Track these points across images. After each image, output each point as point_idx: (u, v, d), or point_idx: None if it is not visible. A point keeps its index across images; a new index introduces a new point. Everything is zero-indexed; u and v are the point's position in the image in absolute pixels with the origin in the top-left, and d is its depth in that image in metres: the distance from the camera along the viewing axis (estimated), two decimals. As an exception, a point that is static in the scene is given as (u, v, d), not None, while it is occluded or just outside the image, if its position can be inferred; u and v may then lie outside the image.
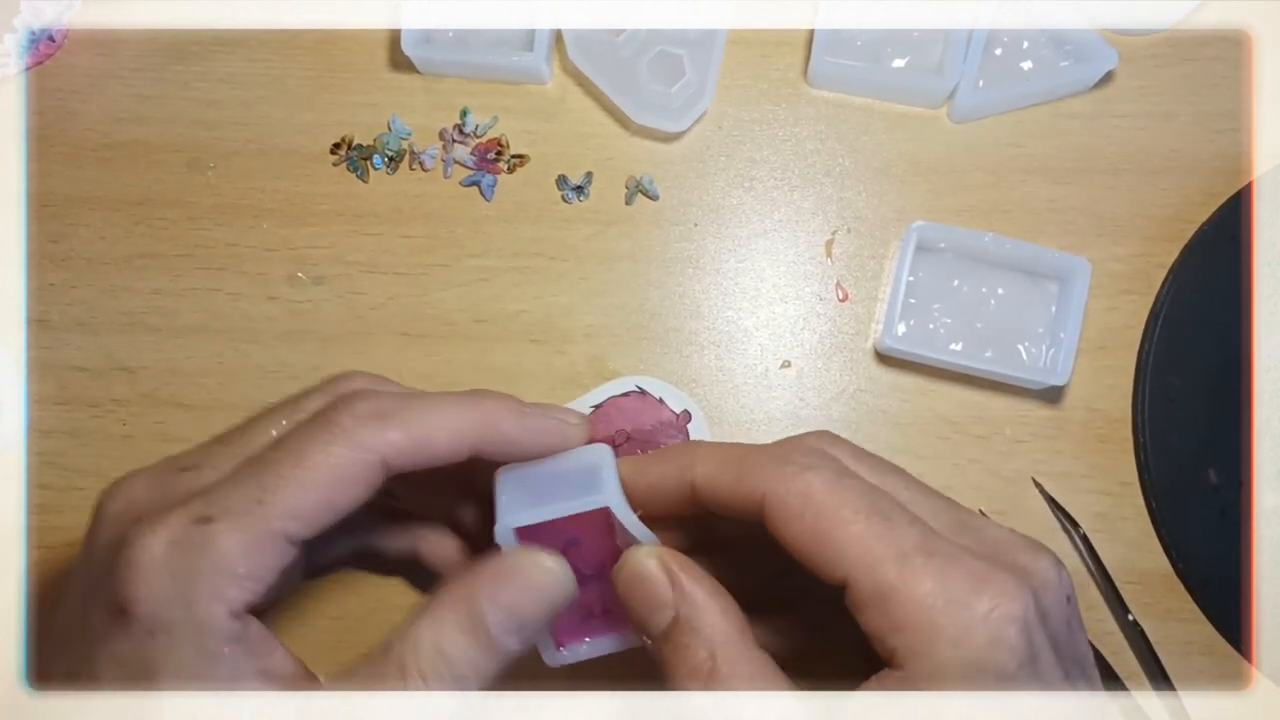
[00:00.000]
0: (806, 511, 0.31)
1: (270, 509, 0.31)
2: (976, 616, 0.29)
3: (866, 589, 0.30)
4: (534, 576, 0.32)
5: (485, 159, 0.49)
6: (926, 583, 0.29)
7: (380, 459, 0.33)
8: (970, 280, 0.47)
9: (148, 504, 0.33)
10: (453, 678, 0.31)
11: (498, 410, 0.35)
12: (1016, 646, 0.29)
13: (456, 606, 0.32)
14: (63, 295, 0.49)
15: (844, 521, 0.30)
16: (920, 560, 0.30)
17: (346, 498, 0.32)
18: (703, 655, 0.31)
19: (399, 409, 0.33)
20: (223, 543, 0.31)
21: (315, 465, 0.32)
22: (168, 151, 0.50)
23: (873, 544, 0.30)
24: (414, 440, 0.33)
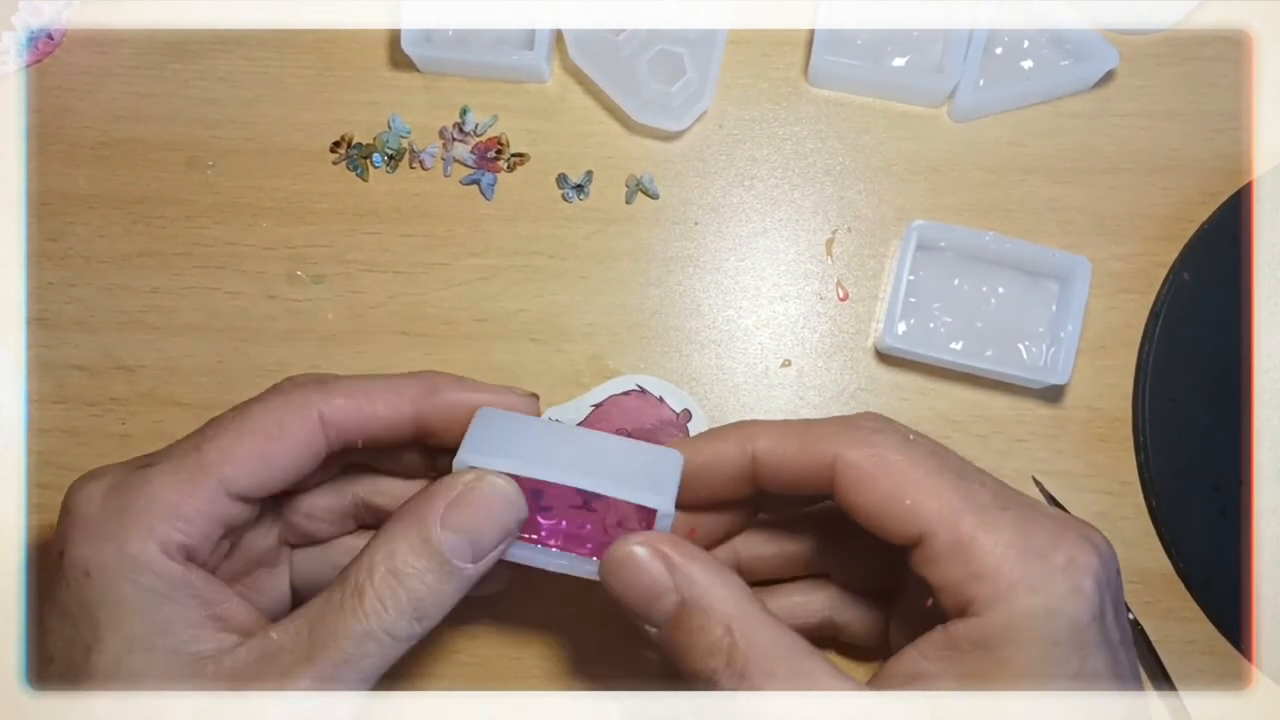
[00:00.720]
0: (880, 472, 0.32)
1: (206, 454, 0.32)
2: (1055, 566, 0.30)
3: (945, 541, 0.30)
4: (485, 497, 0.32)
5: (485, 158, 0.49)
6: (1007, 533, 0.30)
7: (317, 415, 0.34)
8: (971, 279, 0.47)
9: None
10: (409, 600, 0.31)
11: (440, 378, 0.36)
12: (1091, 597, 0.30)
13: (408, 530, 0.32)
14: (61, 294, 0.48)
15: (919, 480, 0.31)
16: (998, 513, 0.31)
17: (285, 452, 0.33)
18: (719, 632, 0.31)
19: (341, 379, 0.35)
20: (156, 482, 0.32)
21: (250, 416, 0.33)
22: (166, 150, 0.50)
23: (951, 498, 0.31)
24: (352, 398, 0.34)
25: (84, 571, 0.31)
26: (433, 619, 0.32)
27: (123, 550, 0.31)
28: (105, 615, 0.31)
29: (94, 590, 0.31)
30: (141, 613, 0.31)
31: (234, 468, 0.33)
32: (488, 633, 0.46)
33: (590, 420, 0.47)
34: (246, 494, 0.33)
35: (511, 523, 0.33)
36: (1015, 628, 0.29)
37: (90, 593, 0.31)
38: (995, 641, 0.29)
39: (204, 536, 0.32)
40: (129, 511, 0.31)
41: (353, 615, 0.31)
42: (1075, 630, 0.29)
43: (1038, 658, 0.29)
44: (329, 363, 0.48)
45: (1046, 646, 0.29)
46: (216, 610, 0.32)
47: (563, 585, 0.44)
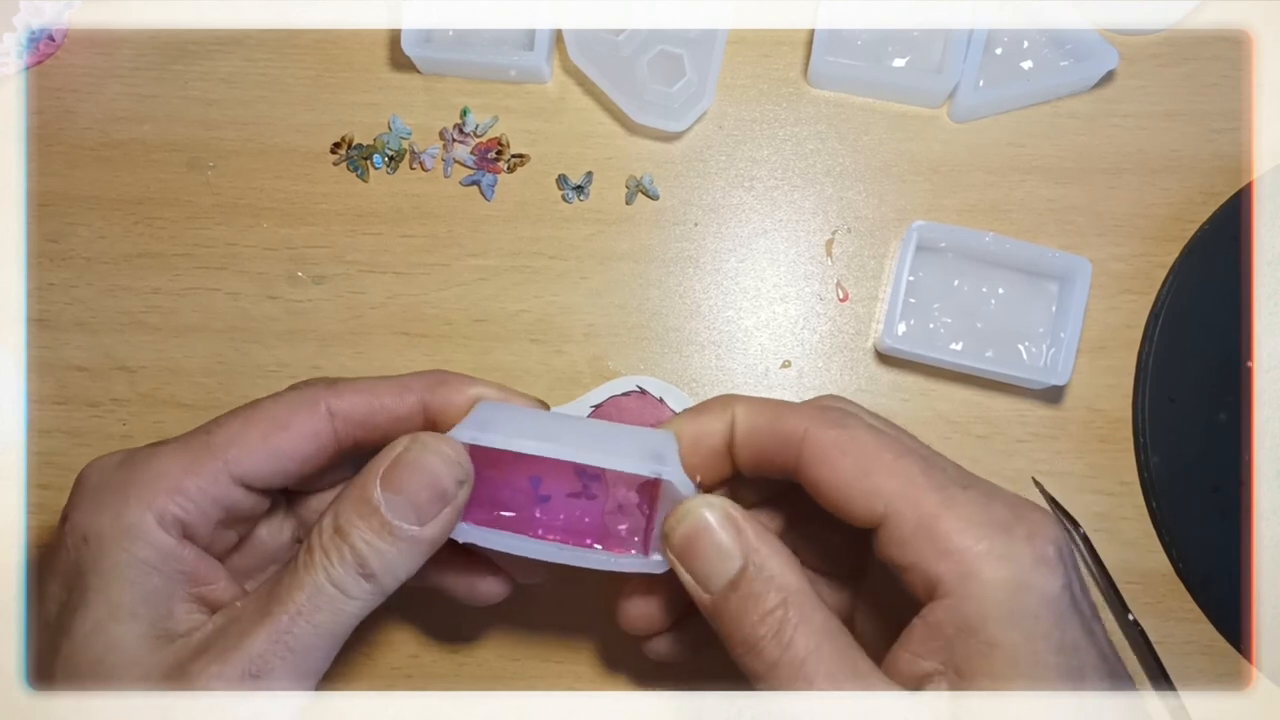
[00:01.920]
0: (849, 449, 0.32)
1: (215, 437, 0.34)
2: (1019, 537, 0.30)
3: (909, 520, 0.31)
4: (420, 457, 0.32)
5: (485, 158, 0.49)
6: (969, 508, 0.31)
7: (325, 407, 0.35)
8: (971, 280, 0.47)
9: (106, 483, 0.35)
10: (352, 556, 0.32)
11: (447, 374, 0.37)
12: (1056, 566, 0.30)
13: (351, 491, 0.33)
14: (62, 295, 0.49)
15: (884, 459, 0.32)
16: (959, 491, 0.31)
17: (292, 443, 0.34)
18: (775, 601, 0.31)
19: (351, 379, 0.36)
20: (163, 457, 0.33)
21: (260, 406, 0.35)
22: (167, 151, 0.50)
23: (915, 477, 0.31)
24: (360, 393, 0.36)
25: (82, 537, 0.32)
26: (382, 579, 0.32)
27: (120, 518, 0.32)
28: (95, 580, 0.32)
29: (89, 555, 0.32)
30: (129, 581, 0.32)
31: (239, 452, 0.34)
32: (487, 633, 0.46)
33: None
34: (251, 480, 0.34)
35: (448, 482, 0.33)
36: (990, 602, 0.29)
37: (85, 558, 0.32)
38: (976, 621, 0.29)
39: (202, 515, 0.33)
40: (132, 483, 0.33)
41: (305, 570, 0.32)
42: (1049, 601, 0.30)
43: (1023, 633, 0.29)
44: (329, 363, 0.48)
45: (1028, 620, 0.29)
46: (203, 590, 0.33)
47: (562, 585, 0.44)
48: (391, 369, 0.47)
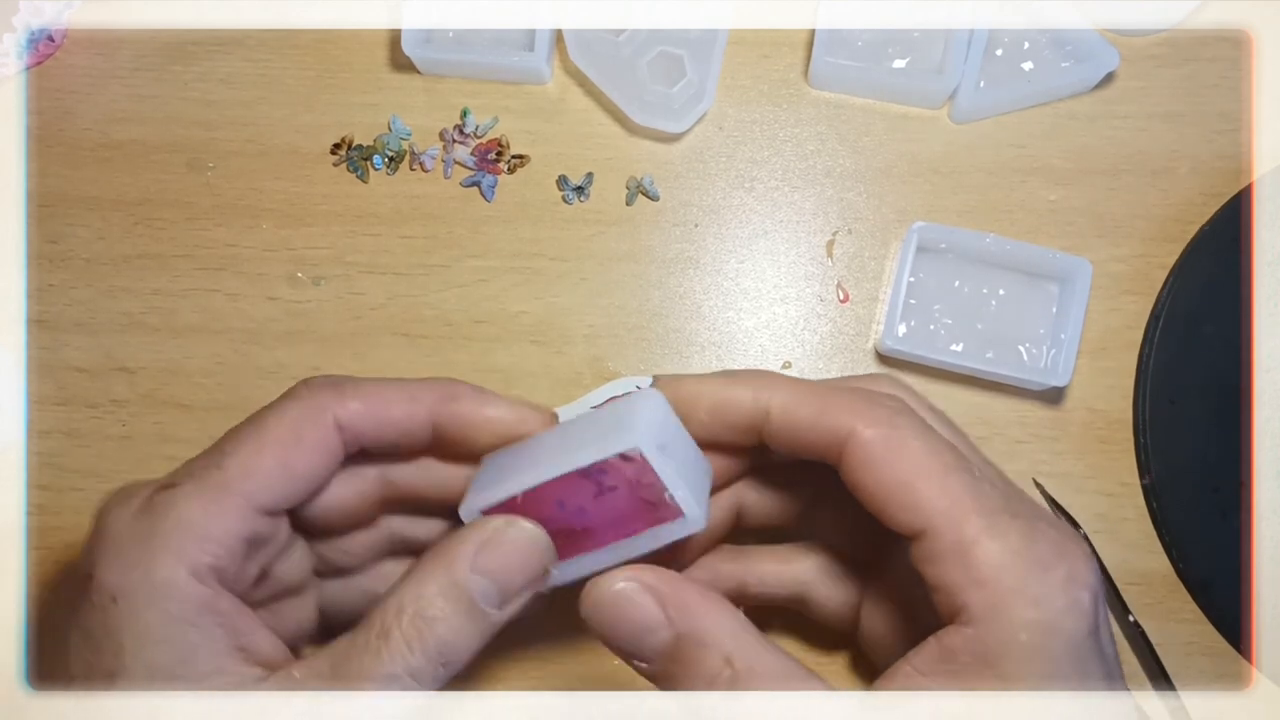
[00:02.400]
0: (894, 457, 0.31)
1: (228, 471, 0.32)
2: (1057, 579, 0.29)
3: (947, 541, 0.30)
4: (515, 542, 0.32)
5: (485, 159, 0.49)
6: (1012, 540, 0.29)
7: (333, 418, 0.33)
8: (971, 281, 0.47)
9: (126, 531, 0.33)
10: (436, 644, 0.31)
11: (458, 387, 0.35)
12: (1089, 613, 0.29)
13: (436, 574, 0.31)
14: (62, 295, 0.48)
15: (932, 472, 0.30)
16: (1006, 520, 0.30)
17: (305, 461, 0.33)
18: (718, 664, 0.30)
19: (356, 382, 0.34)
20: (183, 504, 0.31)
21: (268, 426, 0.33)
22: (167, 151, 0.50)
23: (961, 497, 0.30)
24: (369, 405, 0.34)
25: (111, 597, 0.30)
26: (458, 664, 0.31)
27: (151, 576, 0.30)
28: (130, 642, 0.30)
29: (120, 616, 0.30)
30: (167, 642, 0.30)
31: (257, 481, 0.32)
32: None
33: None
34: (271, 507, 0.33)
35: (540, 567, 0.32)
36: (1014, 642, 0.29)
37: (116, 619, 0.30)
38: (993, 655, 0.29)
39: (231, 556, 0.32)
40: (157, 535, 0.31)
41: (377, 658, 0.30)
42: (1073, 646, 0.29)
43: (1037, 674, 0.29)
44: (329, 364, 0.48)
45: (1046, 663, 0.29)
46: (242, 641, 0.32)
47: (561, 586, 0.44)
48: (392, 370, 0.47)
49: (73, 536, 0.47)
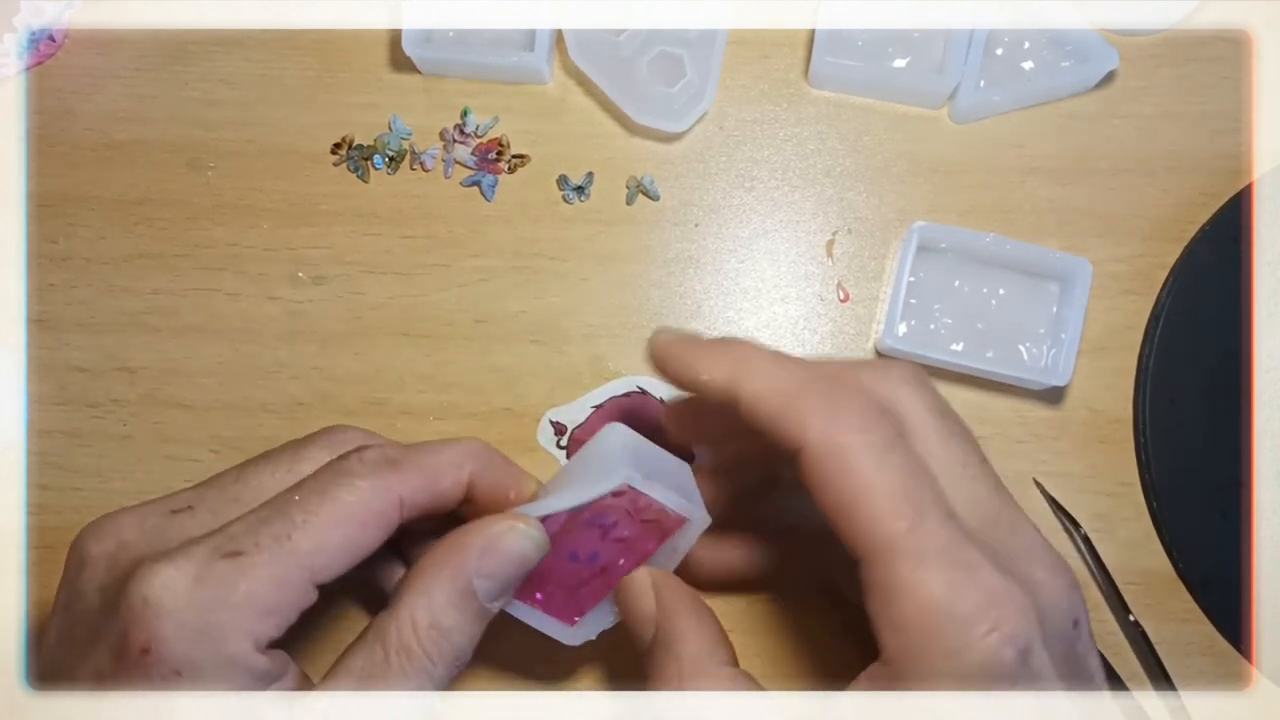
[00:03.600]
0: (841, 479, 0.30)
1: (299, 544, 0.31)
2: (976, 635, 0.28)
3: (879, 577, 0.29)
4: (517, 543, 0.33)
5: (486, 159, 0.49)
6: (936, 590, 0.28)
7: (398, 497, 0.33)
8: (971, 281, 0.47)
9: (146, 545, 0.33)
10: (454, 653, 0.32)
11: (489, 452, 0.37)
12: (1010, 669, 0.28)
13: (443, 584, 0.32)
14: (62, 295, 0.48)
15: (876, 502, 0.29)
16: (936, 565, 0.29)
17: (367, 538, 0.33)
18: (672, 671, 0.33)
19: (405, 453, 0.35)
20: (253, 575, 0.31)
21: (340, 501, 0.32)
22: (167, 151, 0.50)
23: (897, 536, 0.29)
24: (424, 479, 0.34)
25: (175, 670, 0.30)
26: (467, 661, 0.34)
27: (220, 651, 0.30)
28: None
29: (182, 687, 0.30)
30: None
31: (325, 559, 0.32)
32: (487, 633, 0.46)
33: (590, 421, 0.47)
34: (328, 580, 0.33)
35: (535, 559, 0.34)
36: (924, 684, 0.28)
37: (176, 688, 0.30)
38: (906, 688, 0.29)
39: (288, 625, 0.32)
40: (226, 609, 0.30)
41: (404, 676, 0.32)
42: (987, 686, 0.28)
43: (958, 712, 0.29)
44: (329, 364, 0.48)
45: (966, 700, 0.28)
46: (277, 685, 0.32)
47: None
48: (391, 369, 0.47)
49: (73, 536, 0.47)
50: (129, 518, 0.34)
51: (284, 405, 0.47)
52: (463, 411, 0.47)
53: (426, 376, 0.48)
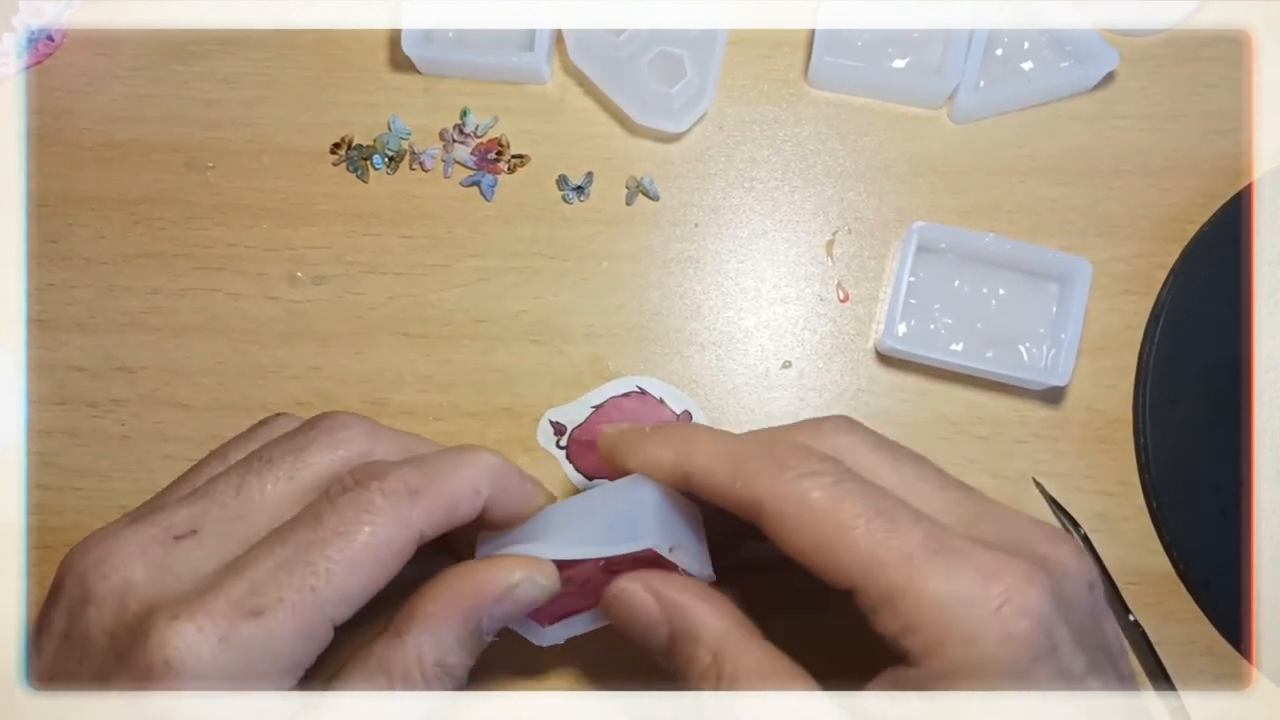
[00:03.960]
0: (805, 521, 0.30)
1: (323, 595, 0.31)
2: (986, 612, 0.28)
3: (875, 593, 0.29)
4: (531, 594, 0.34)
5: (485, 159, 0.49)
6: (933, 581, 0.29)
7: (419, 532, 0.33)
8: (971, 281, 0.47)
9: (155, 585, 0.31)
10: (454, 682, 0.33)
11: (505, 470, 0.36)
12: (1030, 640, 0.28)
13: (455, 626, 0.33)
14: (61, 295, 0.48)
15: (845, 528, 0.30)
16: (925, 559, 0.29)
17: (386, 575, 0.32)
18: (707, 660, 0.32)
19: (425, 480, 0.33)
20: (279, 634, 0.30)
21: (363, 545, 0.31)
22: (167, 151, 0.50)
23: (876, 548, 0.29)
24: (442, 508, 0.34)
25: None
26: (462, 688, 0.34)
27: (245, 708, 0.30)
28: None
29: None
30: None
31: (347, 606, 0.32)
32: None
33: (590, 422, 0.47)
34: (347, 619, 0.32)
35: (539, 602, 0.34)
36: (954, 679, 0.28)
37: None
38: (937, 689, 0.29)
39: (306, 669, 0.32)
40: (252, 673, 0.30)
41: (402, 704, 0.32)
42: (1015, 674, 0.28)
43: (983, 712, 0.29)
44: (329, 364, 0.48)
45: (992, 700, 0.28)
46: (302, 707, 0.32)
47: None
48: (392, 370, 0.47)
49: (73, 536, 0.46)
50: (129, 546, 0.32)
51: (283, 405, 0.47)
52: (462, 411, 0.47)
53: (426, 376, 0.48)
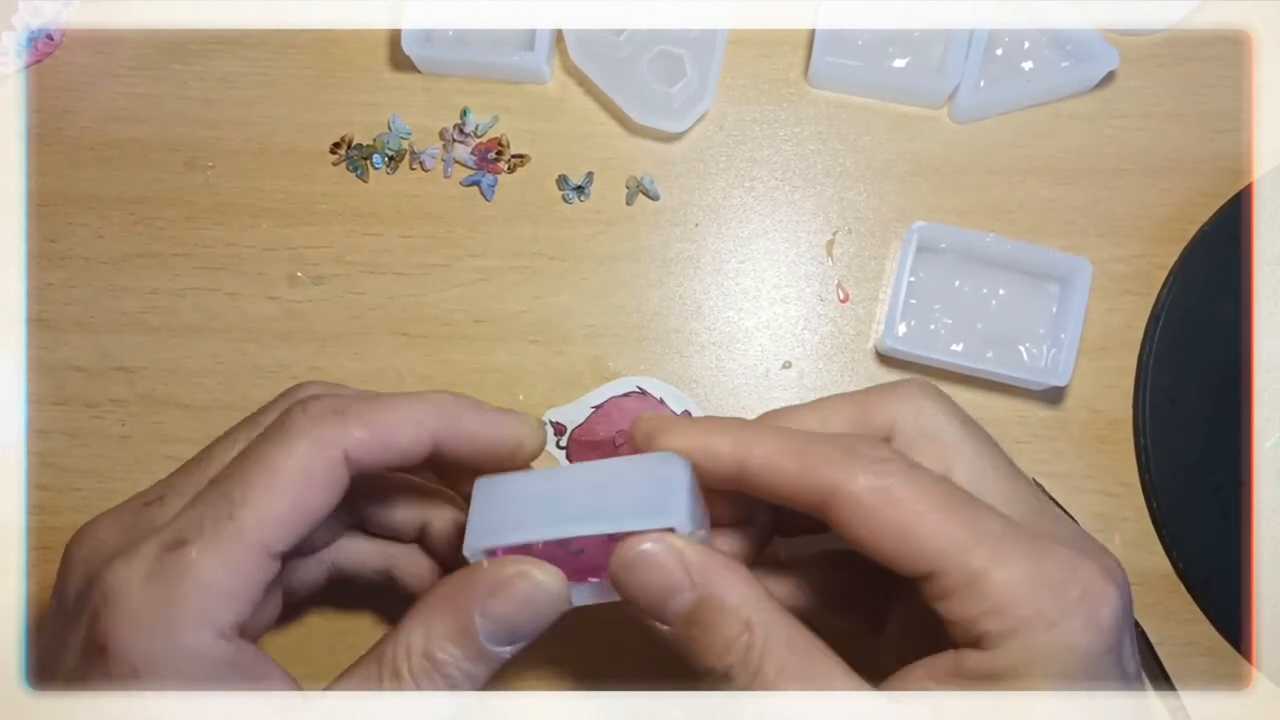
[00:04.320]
0: (884, 508, 0.30)
1: (243, 521, 0.30)
2: (1071, 598, 0.29)
3: (957, 577, 0.29)
4: (527, 591, 0.31)
5: (485, 159, 0.49)
6: (1021, 565, 0.29)
7: (343, 453, 0.32)
8: (971, 281, 0.47)
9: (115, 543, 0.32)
10: (445, 682, 0.31)
11: (458, 404, 0.34)
12: (1108, 630, 0.29)
13: (444, 617, 0.31)
14: (61, 295, 0.48)
15: (924, 514, 0.30)
16: (1011, 545, 0.29)
17: (316, 500, 0.32)
18: (737, 629, 0.30)
19: (356, 405, 0.33)
20: (200, 564, 0.30)
21: (279, 468, 0.31)
22: (166, 150, 0.50)
23: (959, 533, 0.29)
24: (375, 434, 0.32)
25: (131, 669, 0.29)
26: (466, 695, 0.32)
27: (175, 644, 0.29)
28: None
29: (144, 687, 0.29)
30: None
31: (272, 530, 0.31)
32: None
33: (590, 422, 0.47)
34: (284, 550, 0.32)
35: (553, 614, 0.32)
36: (1029, 662, 0.28)
37: (139, 688, 0.29)
38: (1005, 675, 0.29)
39: (251, 605, 0.31)
40: (177, 601, 0.29)
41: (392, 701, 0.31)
42: (1089, 664, 0.29)
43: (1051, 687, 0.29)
44: (329, 364, 0.48)
45: (1058, 681, 0.29)
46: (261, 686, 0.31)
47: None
48: (391, 370, 0.47)
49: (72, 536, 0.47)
50: (106, 518, 0.33)
51: (283, 405, 0.47)
52: (462, 411, 0.47)
53: (426, 376, 0.48)
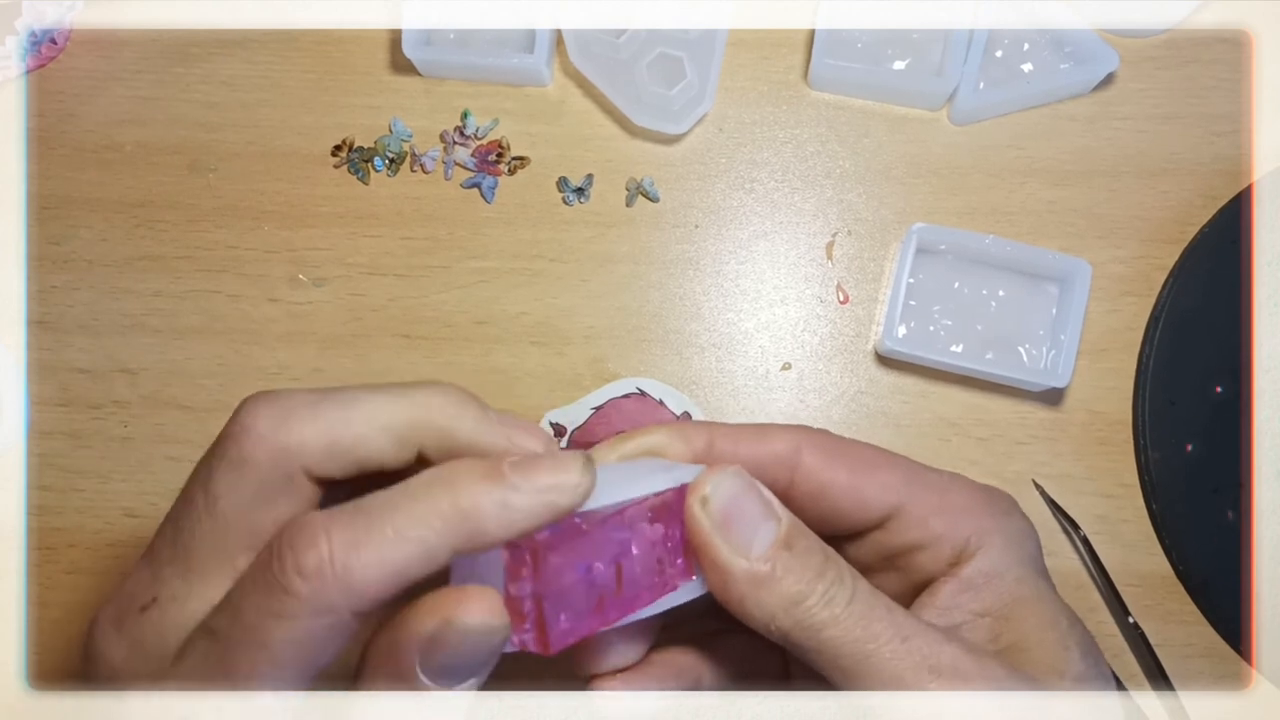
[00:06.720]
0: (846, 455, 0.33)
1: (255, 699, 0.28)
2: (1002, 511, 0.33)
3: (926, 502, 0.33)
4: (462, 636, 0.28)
5: (486, 161, 0.49)
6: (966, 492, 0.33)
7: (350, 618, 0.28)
8: (971, 282, 0.47)
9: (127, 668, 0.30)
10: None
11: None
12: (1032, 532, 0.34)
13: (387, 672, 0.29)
14: (64, 297, 0.49)
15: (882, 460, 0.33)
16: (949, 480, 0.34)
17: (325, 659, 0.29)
18: (822, 557, 0.30)
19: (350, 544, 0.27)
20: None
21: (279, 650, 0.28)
22: (169, 153, 0.50)
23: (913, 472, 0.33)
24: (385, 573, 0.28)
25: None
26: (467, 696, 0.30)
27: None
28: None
29: None
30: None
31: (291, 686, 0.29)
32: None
33: (590, 423, 0.47)
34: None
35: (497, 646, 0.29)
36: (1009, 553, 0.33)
37: None
38: (1002, 567, 0.32)
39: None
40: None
41: None
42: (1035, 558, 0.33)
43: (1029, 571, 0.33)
44: (330, 365, 0.48)
45: (1029, 565, 0.33)
46: None
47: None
48: (393, 371, 0.48)
49: (74, 537, 0.47)
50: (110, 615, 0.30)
51: (284, 407, 0.47)
52: (463, 413, 0.47)
53: (426, 378, 0.48)
